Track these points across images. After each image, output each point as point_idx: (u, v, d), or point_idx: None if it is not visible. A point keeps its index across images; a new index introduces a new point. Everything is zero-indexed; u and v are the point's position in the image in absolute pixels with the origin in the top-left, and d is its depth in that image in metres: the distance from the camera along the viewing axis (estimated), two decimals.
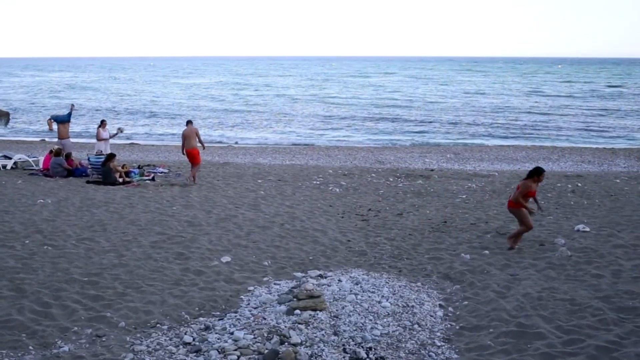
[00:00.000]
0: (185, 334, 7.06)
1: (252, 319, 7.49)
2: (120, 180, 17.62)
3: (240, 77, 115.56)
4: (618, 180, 19.50)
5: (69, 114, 20.48)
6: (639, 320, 7.18)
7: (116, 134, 21.59)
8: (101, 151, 19.94)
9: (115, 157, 18.18)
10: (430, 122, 44.18)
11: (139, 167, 20.12)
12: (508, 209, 11.11)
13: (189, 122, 17.99)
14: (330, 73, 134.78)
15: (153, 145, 32.26)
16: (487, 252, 10.73)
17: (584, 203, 15.31)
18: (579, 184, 18.37)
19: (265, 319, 7.44)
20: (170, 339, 6.93)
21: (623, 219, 13.13)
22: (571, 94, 69.74)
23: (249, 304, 8.14)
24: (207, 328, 7.24)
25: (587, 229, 12.04)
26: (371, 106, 55.49)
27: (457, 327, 7.44)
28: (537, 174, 10.69)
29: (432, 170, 22.49)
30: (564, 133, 38.59)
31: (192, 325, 7.36)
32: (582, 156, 28.21)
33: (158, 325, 7.32)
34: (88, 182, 17.88)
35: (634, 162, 26.29)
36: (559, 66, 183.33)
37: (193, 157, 17.51)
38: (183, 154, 17.76)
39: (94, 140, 22.68)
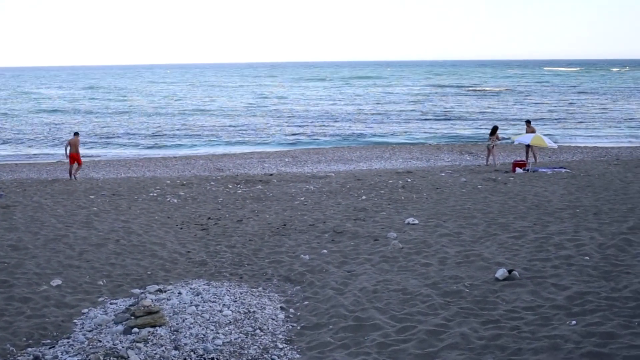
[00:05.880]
0: None
1: (86, 343, 7.10)
2: None
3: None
4: (443, 174, 20.96)
5: None
6: (462, 302, 7.76)
7: None
8: None
9: None
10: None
11: None
12: None
13: (76, 134, 22.58)
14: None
15: None
16: (325, 251, 11.03)
17: (413, 197, 16.25)
18: (409, 180, 19.49)
19: (100, 341, 7.10)
20: None
21: (448, 209, 14.12)
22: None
23: (83, 327, 7.71)
24: (36, 359, 6.75)
25: (416, 222, 12.80)
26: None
27: (299, 328, 7.58)
28: None
29: (271, 174, 22.76)
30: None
31: (19, 358, 6.82)
32: (412, 153, 30.02)
33: None
34: None
35: (456, 156, 28.44)
36: (388, 69, 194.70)
37: (76, 160, 21.95)
38: (66, 157, 21.97)
39: None
